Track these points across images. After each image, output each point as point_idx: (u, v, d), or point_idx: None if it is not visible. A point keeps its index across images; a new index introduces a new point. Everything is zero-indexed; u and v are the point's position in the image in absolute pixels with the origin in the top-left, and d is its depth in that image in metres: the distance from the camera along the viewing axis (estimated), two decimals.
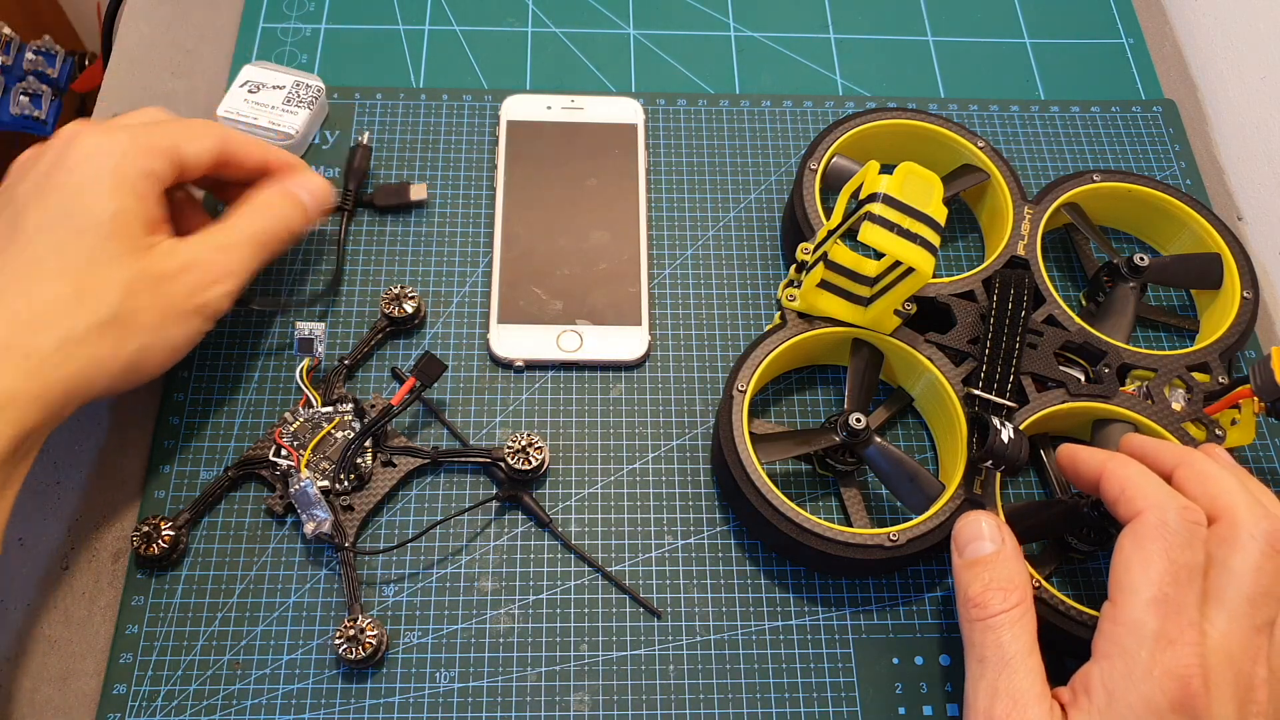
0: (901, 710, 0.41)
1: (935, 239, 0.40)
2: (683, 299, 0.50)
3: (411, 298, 0.47)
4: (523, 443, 0.44)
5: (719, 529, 0.44)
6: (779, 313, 0.46)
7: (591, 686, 0.41)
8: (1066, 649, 0.41)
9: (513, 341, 0.47)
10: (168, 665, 0.40)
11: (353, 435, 0.44)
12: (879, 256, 0.44)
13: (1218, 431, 0.43)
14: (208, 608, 0.42)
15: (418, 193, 0.51)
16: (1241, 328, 0.46)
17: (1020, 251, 0.47)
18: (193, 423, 0.45)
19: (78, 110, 0.84)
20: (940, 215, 0.40)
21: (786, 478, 0.46)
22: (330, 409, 0.44)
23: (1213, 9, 0.60)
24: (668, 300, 0.50)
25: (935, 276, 0.45)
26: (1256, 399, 0.41)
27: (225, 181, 0.45)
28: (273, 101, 0.52)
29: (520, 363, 0.47)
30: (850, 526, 0.43)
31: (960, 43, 0.60)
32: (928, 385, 0.45)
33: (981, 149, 0.50)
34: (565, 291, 0.49)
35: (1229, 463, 0.39)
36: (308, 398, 0.44)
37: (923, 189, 0.40)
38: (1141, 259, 0.47)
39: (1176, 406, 0.44)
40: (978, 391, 0.43)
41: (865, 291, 0.44)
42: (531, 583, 0.43)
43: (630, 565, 0.43)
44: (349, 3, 0.59)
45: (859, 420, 0.42)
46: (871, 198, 0.40)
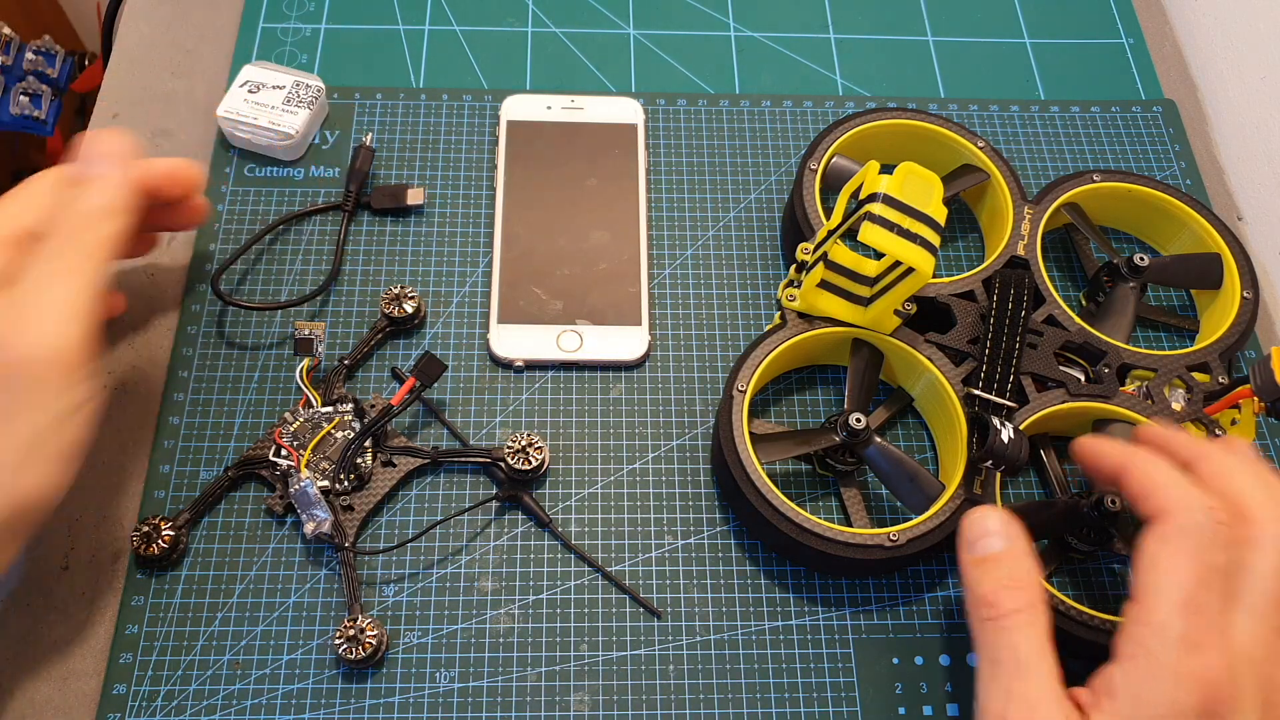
0: (901, 710, 0.41)
1: (935, 239, 0.40)
2: (683, 299, 0.50)
3: (411, 298, 0.47)
4: (523, 443, 0.44)
5: (719, 529, 0.44)
6: (779, 313, 0.46)
7: (591, 686, 0.41)
8: (1066, 649, 0.41)
9: (513, 341, 0.47)
10: (168, 665, 0.40)
11: (353, 435, 0.44)
12: (879, 256, 0.44)
13: (1217, 431, 0.43)
14: (208, 608, 0.42)
15: (415, 197, 0.51)
16: (1241, 328, 0.46)
17: (1020, 251, 0.47)
18: (193, 423, 0.45)
19: (78, 110, 0.84)
20: (940, 215, 0.40)
21: (786, 478, 0.46)
22: (330, 409, 0.44)
23: (1213, 9, 0.60)
24: (668, 300, 0.50)
25: (935, 276, 0.45)
26: (1256, 399, 0.41)
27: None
28: (273, 101, 0.52)
29: (520, 363, 0.47)
30: (850, 526, 0.43)
31: (960, 43, 0.60)
32: (928, 385, 0.45)
33: (981, 149, 0.50)
34: (565, 291, 0.49)
35: (1250, 457, 0.37)
36: (308, 398, 0.44)
37: (923, 189, 0.40)
38: (1141, 259, 0.47)
39: (1176, 406, 0.44)
40: (978, 391, 0.43)
41: (865, 291, 0.44)
42: (531, 583, 0.43)
43: (630, 565, 0.43)
44: (349, 3, 0.59)
45: (859, 420, 0.42)
46: (871, 198, 0.40)
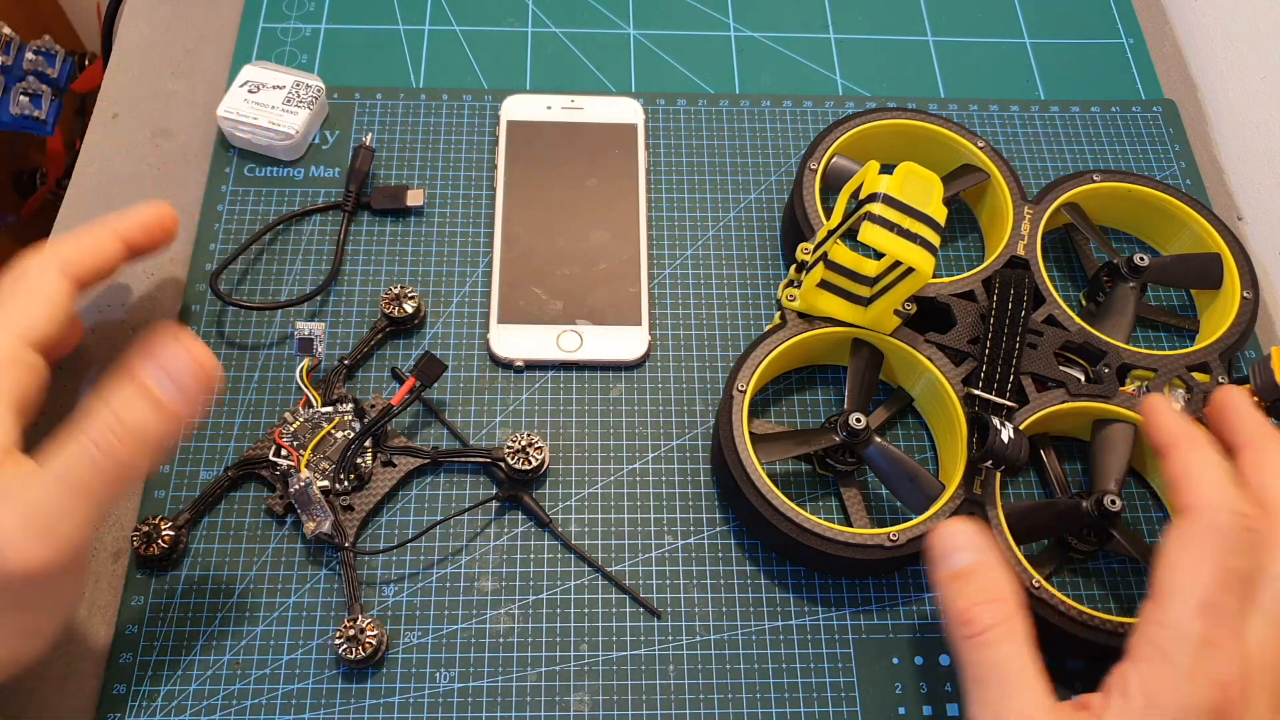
0: (901, 710, 0.41)
1: (935, 239, 0.40)
2: (683, 299, 0.50)
3: (411, 298, 0.47)
4: (523, 443, 0.44)
5: (719, 529, 0.44)
6: (779, 313, 0.46)
7: (591, 686, 0.41)
8: (1067, 649, 0.41)
9: (513, 341, 0.47)
10: (168, 665, 0.40)
11: (353, 435, 0.44)
12: (879, 256, 0.44)
13: None
14: (208, 608, 0.42)
15: (414, 198, 0.51)
16: (1241, 328, 0.46)
17: (1020, 251, 0.47)
18: (193, 423, 0.45)
19: (78, 110, 0.84)
20: (940, 215, 0.40)
21: (786, 478, 0.46)
22: (330, 409, 0.44)
23: (1213, 9, 0.60)
24: (668, 300, 0.50)
25: (935, 276, 0.45)
26: (1257, 399, 0.41)
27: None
28: (273, 101, 0.52)
29: (520, 363, 0.47)
30: (850, 526, 0.43)
31: (960, 43, 0.60)
32: (928, 385, 0.45)
33: (981, 149, 0.50)
34: (565, 291, 0.49)
35: None
36: (308, 398, 0.44)
37: (923, 189, 0.40)
38: (1141, 259, 0.47)
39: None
40: (978, 391, 0.43)
41: (865, 291, 0.44)
42: (531, 583, 0.43)
43: (630, 565, 0.43)
44: (349, 3, 0.59)
45: (859, 420, 0.42)
46: (871, 198, 0.40)
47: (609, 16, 0.59)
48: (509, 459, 0.43)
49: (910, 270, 0.40)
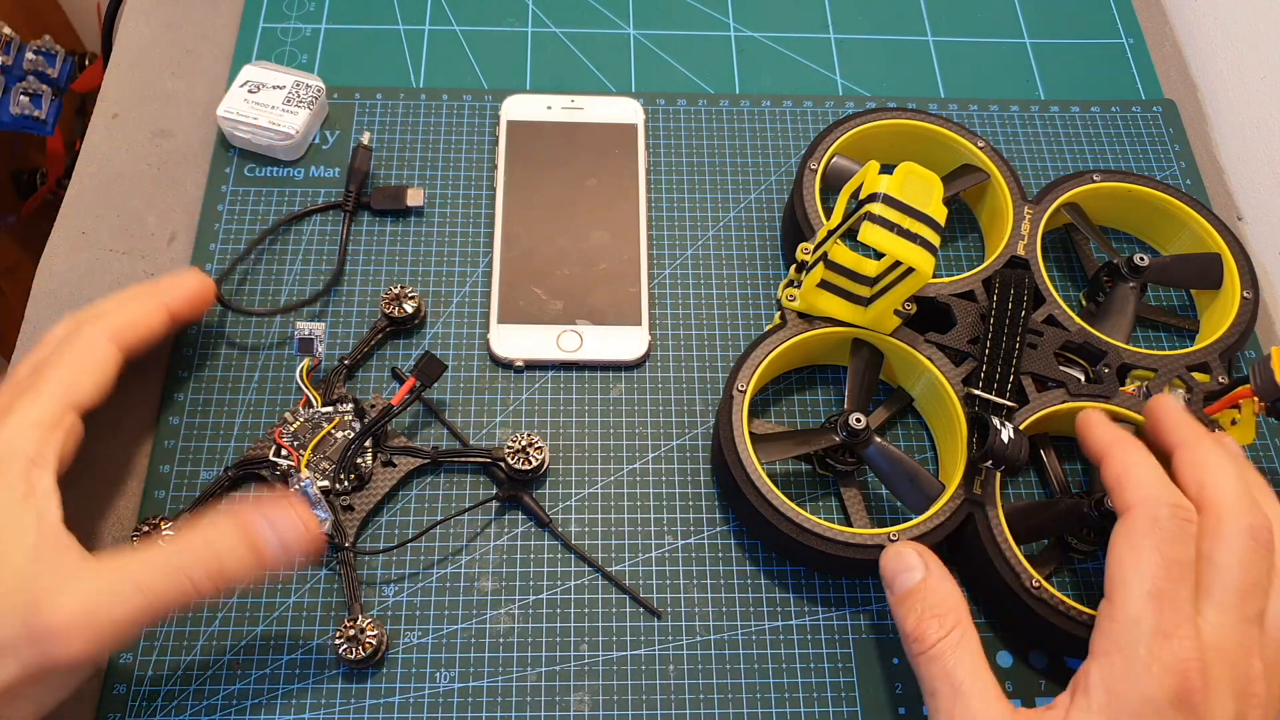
0: (901, 710, 0.41)
1: (935, 239, 0.40)
2: (683, 299, 0.50)
3: (411, 298, 0.47)
4: (523, 443, 0.44)
5: (719, 529, 0.44)
6: (779, 313, 0.46)
7: (591, 686, 0.41)
8: (1067, 649, 0.41)
9: (513, 341, 0.47)
10: (168, 665, 0.40)
11: (353, 435, 0.44)
12: (879, 256, 0.44)
13: (1217, 431, 0.43)
14: (208, 608, 0.42)
15: (414, 198, 0.51)
16: (1241, 328, 0.46)
17: (1020, 251, 0.47)
18: (193, 423, 0.45)
19: (78, 110, 0.84)
20: (940, 215, 0.40)
21: (786, 478, 0.46)
22: (330, 409, 0.44)
23: (1213, 9, 0.60)
24: (668, 300, 0.50)
25: (935, 276, 0.45)
26: (1256, 399, 0.41)
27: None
28: (273, 101, 0.52)
29: (520, 363, 0.47)
30: (850, 526, 0.43)
31: (960, 43, 0.60)
32: (928, 385, 0.45)
33: (981, 149, 0.50)
34: (565, 291, 0.49)
35: (1236, 454, 0.38)
36: (308, 398, 0.44)
37: (923, 189, 0.40)
38: (1141, 259, 0.47)
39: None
40: (978, 391, 0.43)
41: (865, 291, 0.44)
42: (531, 583, 0.43)
43: (630, 565, 0.43)
44: (349, 3, 0.59)
45: (859, 420, 0.42)
46: (871, 198, 0.40)
47: (609, 16, 0.59)
48: (509, 459, 0.43)
49: (910, 270, 0.40)
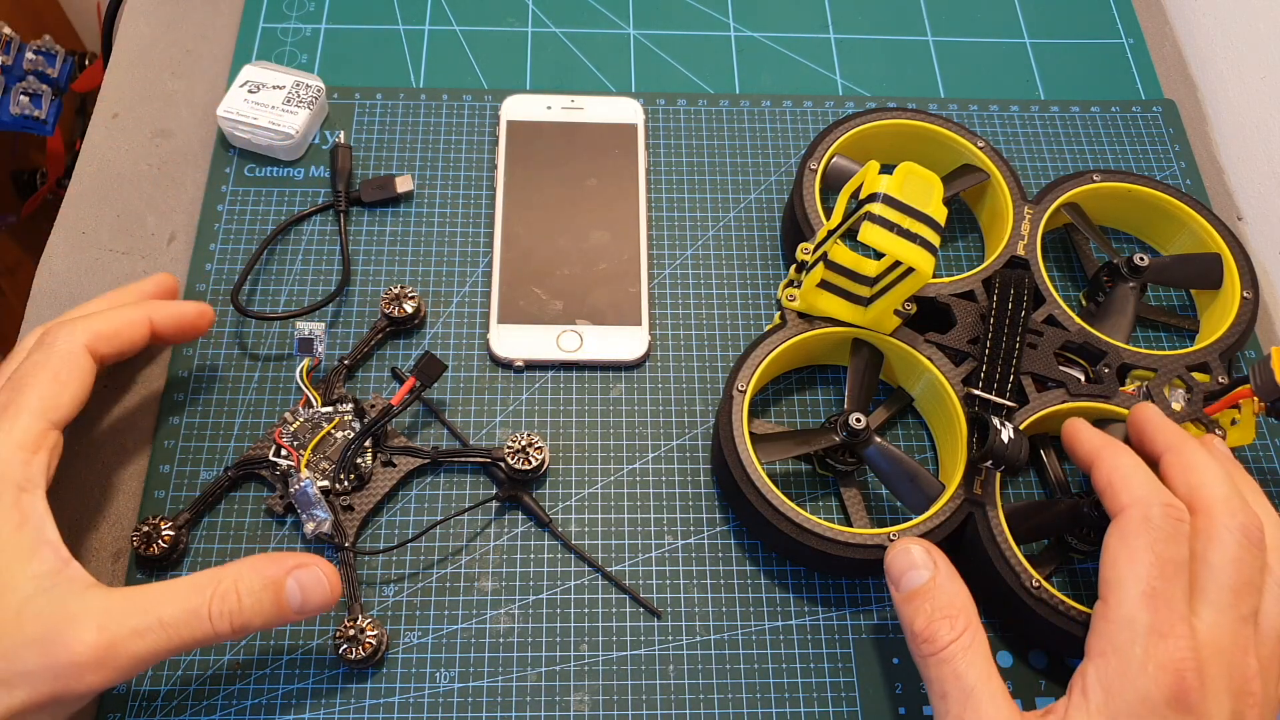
0: (901, 710, 0.41)
1: (935, 239, 0.40)
2: (683, 299, 0.50)
3: (411, 298, 0.47)
4: (523, 443, 0.44)
5: (719, 529, 0.44)
6: (779, 313, 0.46)
7: (591, 686, 0.41)
8: (1067, 649, 0.41)
9: (513, 341, 0.47)
10: (168, 665, 0.40)
11: (353, 435, 0.44)
12: (879, 256, 0.44)
13: (1217, 431, 0.43)
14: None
15: (404, 184, 0.51)
16: (1241, 328, 0.46)
17: (1020, 251, 0.47)
18: (193, 423, 0.45)
19: (78, 110, 0.84)
20: (940, 215, 0.40)
21: (786, 478, 0.46)
22: (330, 409, 0.44)
23: (1213, 9, 0.60)
24: (668, 300, 0.50)
25: (935, 276, 0.45)
26: (1256, 399, 0.41)
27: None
28: (273, 101, 0.52)
29: (520, 363, 0.47)
30: (850, 526, 0.43)
31: (960, 43, 0.60)
32: (928, 385, 0.45)
33: (981, 149, 0.50)
34: (565, 291, 0.49)
35: (1224, 455, 0.39)
36: (308, 398, 0.44)
37: (923, 189, 0.40)
38: (1141, 259, 0.47)
39: (1176, 406, 0.44)
40: (978, 391, 0.43)
41: (865, 291, 0.44)
42: (531, 583, 0.43)
43: (630, 565, 0.43)
44: (349, 3, 0.59)
45: (859, 420, 0.42)
46: (871, 198, 0.40)
47: (609, 16, 0.59)
48: (509, 459, 0.43)
49: (910, 270, 0.40)
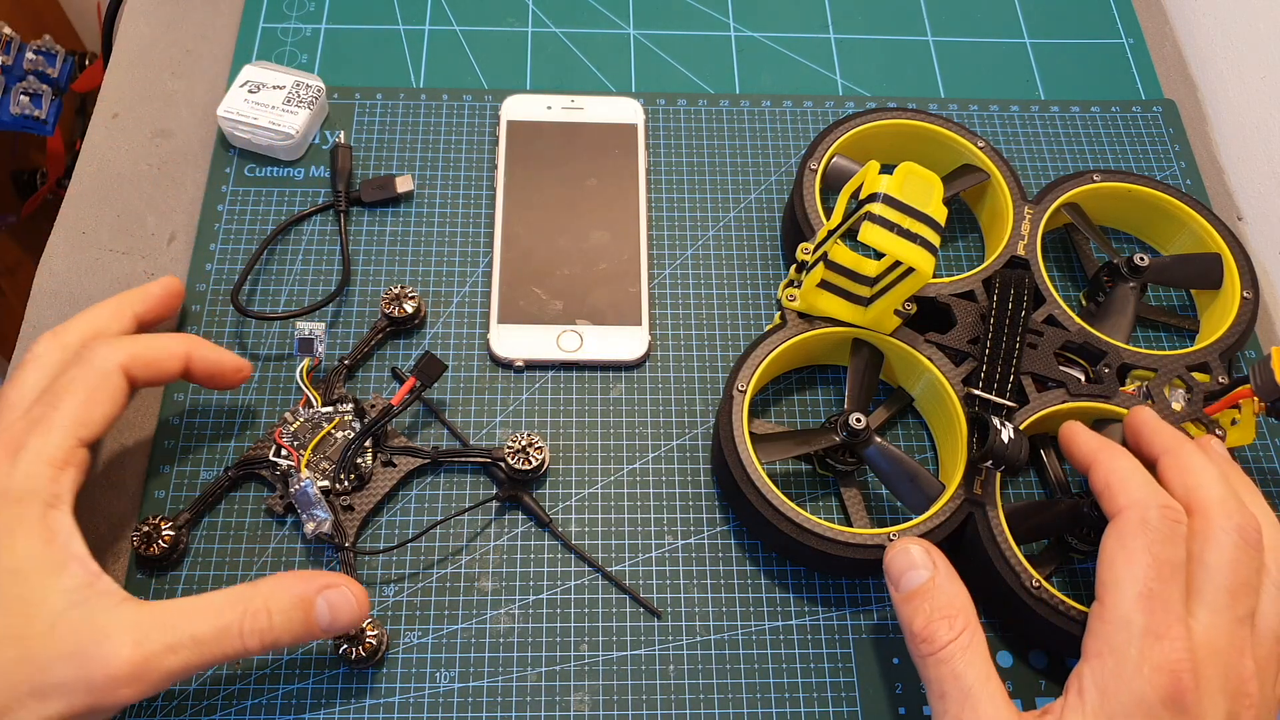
0: (901, 710, 0.41)
1: (935, 239, 0.40)
2: (683, 299, 0.50)
3: (411, 298, 0.47)
4: (523, 443, 0.44)
5: (719, 529, 0.44)
6: (779, 313, 0.46)
7: (591, 686, 0.41)
8: (1067, 649, 0.41)
9: (513, 341, 0.47)
10: None
11: (353, 435, 0.44)
12: (879, 256, 0.44)
13: (1218, 431, 0.43)
14: None
15: (403, 184, 0.51)
16: (1241, 328, 0.46)
17: (1020, 251, 0.47)
18: (193, 423, 0.45)
19: (78, 110, 0.84)
20: (940, 215, 0.40)
21: (786, 478, 0.46)
22: (330, 409, 0.44)
23: (1213, 9, 0.60)
24: (668, 300, 0.50)
25: (935, 276, 0.45)
26: (1256, 399, 0.41)
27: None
28: (273, 101, 0.52)
29: (520, 363, 0.47)
30: (850, 526, 0.43)
31: (960, 43, 0.60)
32: (928, 385, 0.45)
33: (981, 149, 0.50)
34: (565, 291, 0.49)
35: (1221, 457, 0.39)
36: (308, 398, 0.44)
37: (923, 189, 0.40)
38: (1141, 259, 0.47)
39: (1176, 406, 0.44)
40: (978, 391, 0.43)
41: (865, 291, 0.44)
42: (531, 583, 0.43)
43: (630, 565, 0.43)
44: (349, 3, 0.59)
45: (859, 420, 0.42)
46: (871, 198, 0.40)
47: (609, 16, 0.59)
48: (509, 459, 0.43)
49: (910, 270, 0.40)
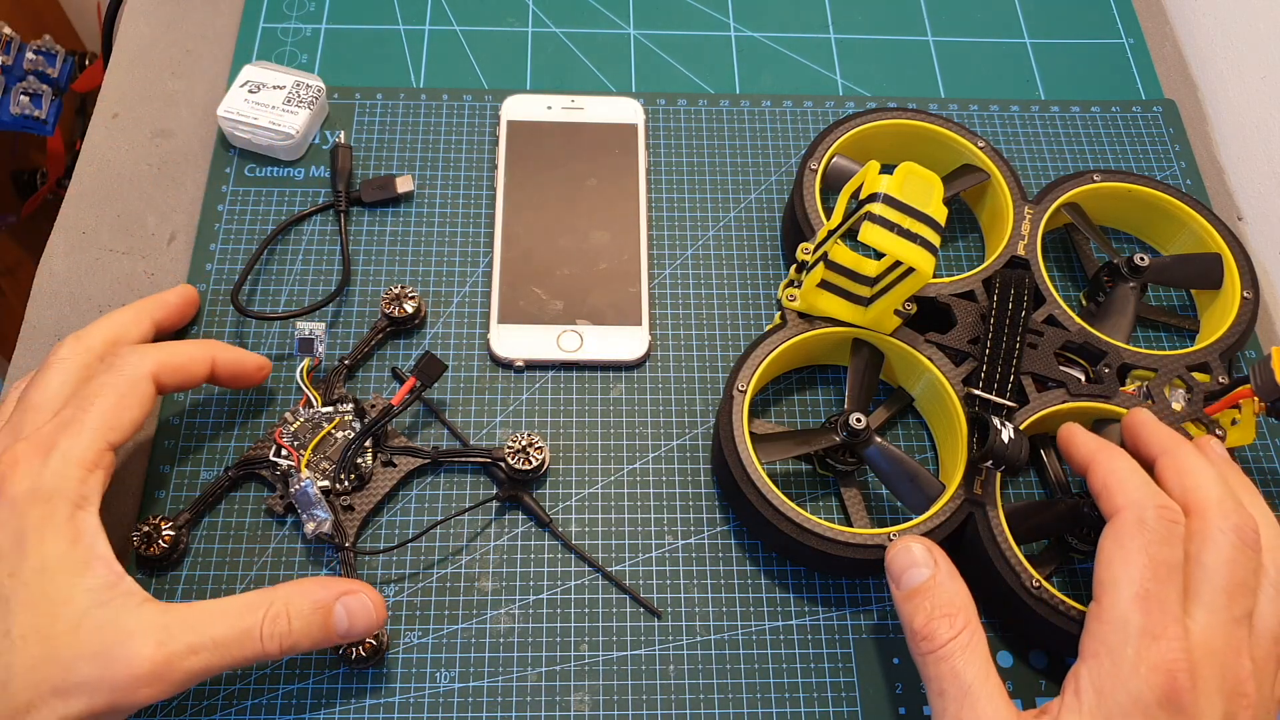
0: (901, 710, 0.41)
1: (935, 239, 0.40)
2: (683, 299, 0.50)
3: (411, 298, 0.47)
4: (523, 443, 0.44)
5: (719, 529, 0.44)
6: (779, 313, 0.46)
7: (591, 686, 0.41)
8: (1067, 649, 0.41)
9: (513, 341, 0.47)
10: None
11: (353, 435, 0.44)
12: (879, 256, 0.44)
13: (1218, 431, 0.43)
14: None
15: (404, 185, 0.51)
16: (1241, 328, 0.46)
17: (1020, 251, 0.47)
18: (193, 423, 0.45)
19: (78, 110, 0.84)
20: (940, 215, 0.40)
21: (786, 478, 0.46)
22: (330, 409, 0.44)
23: (1213, 9, 0.60)
24: (668, 300, 0.50)
25: (935, 276, 0.45)
26: (1256, 399, 0.41)
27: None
28: (273, 101, 0.52)
29: (520, 363, 0.47)
30: (850, 526, 0.43)
31: (960, 43, 0.60)
32: (928, 385, 0.45)
33: (981, 149, 0.50)
34: (565, 291, 0.49)
35: (1220, 457, 0.39)
36: (308, 398, 0.44)
37: (923, 189, 0.40)
38: (1141, 259, 0.47)
39: (1176, 406, 0.44)
40: (978, 391, 0.43)
41: (865, 291, 0.44)
42: (531, 583, 0.43)
43: (630, 565, 0.43)
44: (349, 3, 0.59)
45: (859, 420, 0.42)
46: (872, 198, 0.40)
47: (609, 16, 0.59)
48: (509, 459, 0.43)
49: (910, 270, 0.40)
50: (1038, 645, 0.42)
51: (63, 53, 0.79)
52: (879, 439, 0.42)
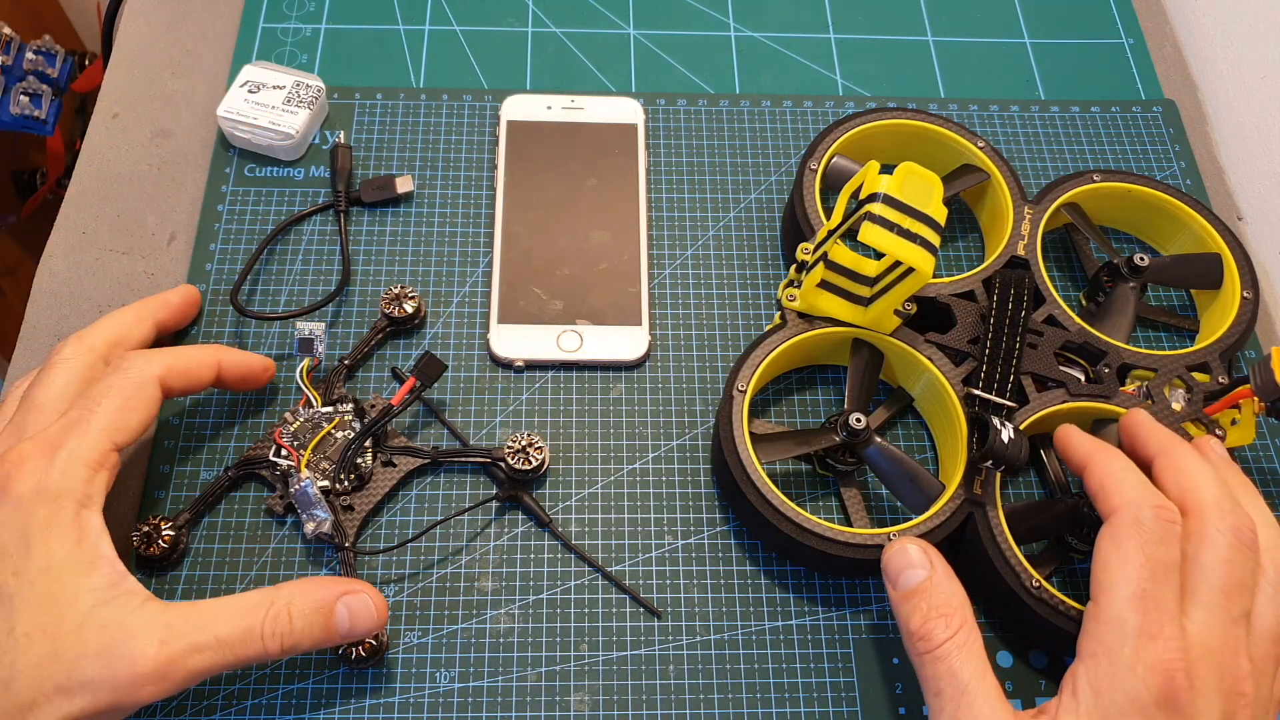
0: (902, 710, 0.41)
1: (935, 239, 0.40)
2: (683, 299, 0.50)
3: (411, 298, 0.47)
4: (523, 443, 0.44)
5: (719, 529, 0.44)
6: (779, 313, 0.46)
7: (591, 686, 0.41)
8: (1067, 649, 0.41)
9: (513, 341, 0.47)
10: None
11: (353, 435, 0.44)
12: (879, 256, 0.44)
13: (1218, 431, 0.43)
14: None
15: (404, 185, 0.51)
16: (1241, 328, 0.46)
17: (1020, 251, 0.47)
18: (193, 423, 0.45)
19: (78, 110, 0.84)
20: (940, 215, 0.40)
21: (786, 478, 0.46)
22: (330, 409, 0.44)
23: (1213, 9, 0.60)
24: (668, 300, 0.50)
25: (935, 276, 0.45)
26: (1256, 399, 0.42)
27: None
28: (273, 101, 0.52)
29: (520, 363, 0.47)
30: (850, 526, 0.43)
31: (960, 43, 0.60)
32: (928, 385, 0.45)
33: (981, 149, 0.50)
34: (565, 291, 0.49)
35: (1219, 457, 0.39)
36: (308, 398, 0.44)
37: (923, 189, 0.40)
38: (1141, 259, 0.47)
39: (1176, 406, 0.44)
40: (978, 391, 0.43)
41: (865, 291, 0.44)
42: (531, 583, 0.43)
43: (630, 565, 0.43)
44: (349, 3, 0.59)
45: (859, 420, 0.42)
46: (871, 198, 0.40)
47: (609, 16, 0.59)
48: (509, 459, 0.43)
49: (910, 270, 0.40)
50: (1037, 645, 0.42)
51: (63, 53, 0.79)
52: (879, 439, 0.42)
